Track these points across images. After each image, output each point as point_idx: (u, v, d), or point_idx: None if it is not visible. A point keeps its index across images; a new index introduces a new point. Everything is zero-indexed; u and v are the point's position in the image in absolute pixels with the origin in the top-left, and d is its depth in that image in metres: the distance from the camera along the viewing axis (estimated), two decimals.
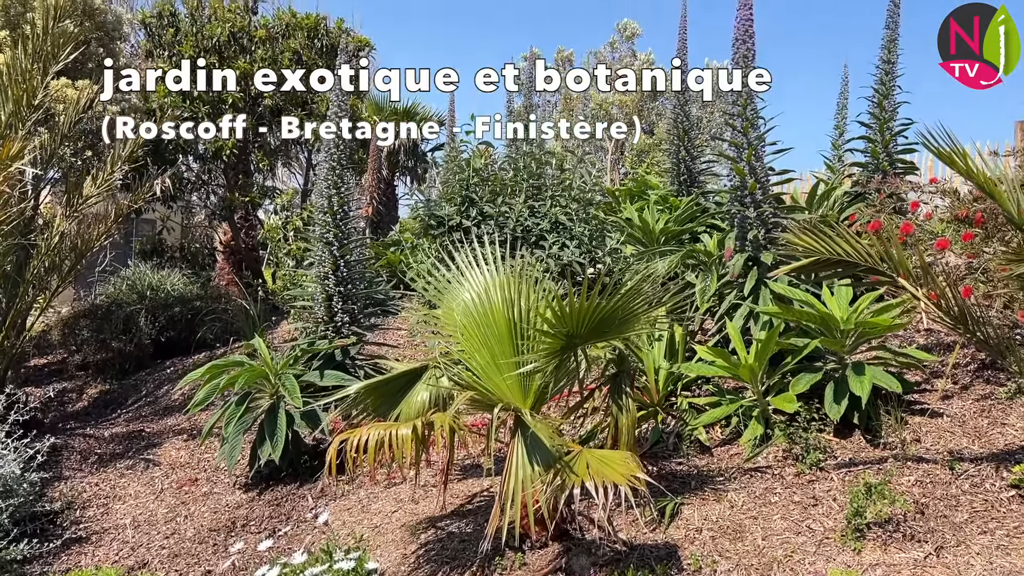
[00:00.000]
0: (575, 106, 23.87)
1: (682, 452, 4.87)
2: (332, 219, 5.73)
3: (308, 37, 12.01)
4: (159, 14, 11.50)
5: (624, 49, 26.35)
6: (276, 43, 11.80)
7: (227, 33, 11.26)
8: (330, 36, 12.36)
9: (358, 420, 4.31)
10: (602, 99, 23.94)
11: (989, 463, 4.05)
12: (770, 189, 5.71)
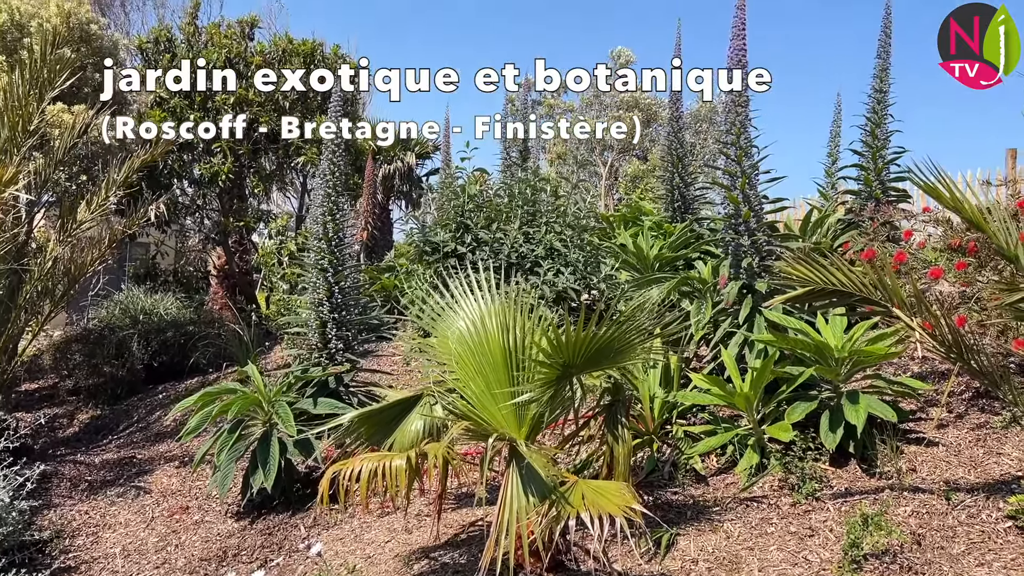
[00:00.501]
0: None
1: (678, 481, 4.84)
2: (327, 245, 5.73)
3: (305, 63, 12.07)
4: (155, 40, 11.57)
5: None
6: (272, 69, 11.86)
7: (223, 59, 11.32)
8: (327, 62, 12.43)
9: (352, 449, 4.28)
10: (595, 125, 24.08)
11: (985, 493, 4.03)
12: (764, 217, 5.73)
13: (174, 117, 11.16)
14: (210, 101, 11.37)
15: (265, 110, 11.61)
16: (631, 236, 8.95)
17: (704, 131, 22.51)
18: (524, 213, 7.90)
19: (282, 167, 13.12)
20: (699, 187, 9.24)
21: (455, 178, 8.43)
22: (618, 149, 24.02)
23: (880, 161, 7.23)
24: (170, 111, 11.15)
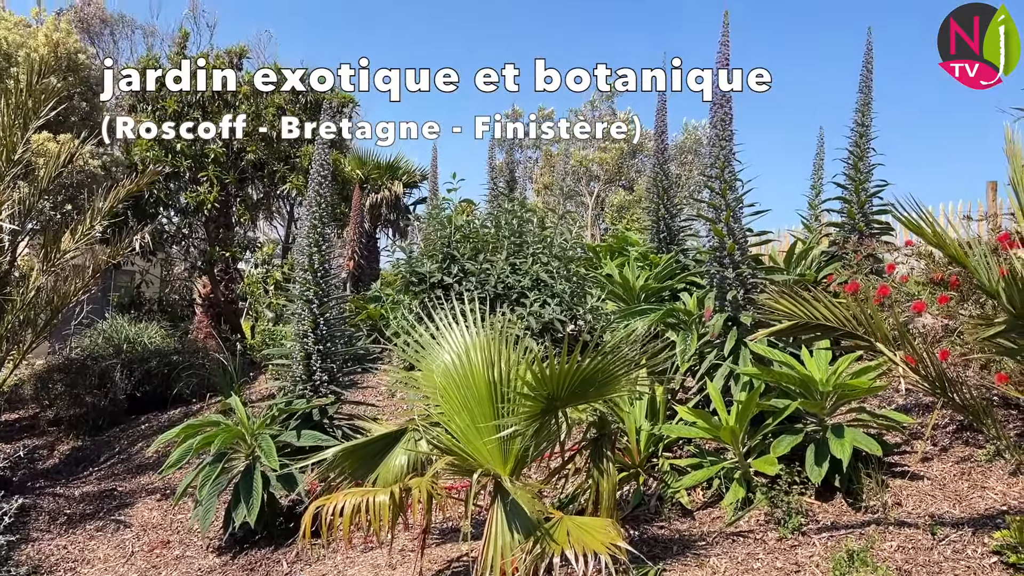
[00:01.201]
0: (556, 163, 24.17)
1: (664, 515, 4.81)
2: (312, 276, 5.72)
3: (292, 93, 12.13)
4: (143, 69, 11.58)
5: (604, 108, 26.82)
6: (260, 98, 11.91)
7: (211, 89, 11.34)
8: (314, 92, 12.49)
9: (336, 483, 4.24)
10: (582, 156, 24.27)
11: (970, 528, 4.03)
12: (748, 250, 5.76)
13: (161, 146, 11.17)
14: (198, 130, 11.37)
15: (252, 139, 11.64)
16: (617, 266, 8.99)
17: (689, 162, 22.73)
18: (511, 244, 7.92)
19: (269, 196, 13.13)
20: (684, 218, 9.31)
21: (442, 208, 8.45)
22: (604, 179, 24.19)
23: (863, 194, 7.30)
24: (157, 140, 11.15)
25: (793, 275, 6.62)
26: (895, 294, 5.37)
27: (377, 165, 16.16)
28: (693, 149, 23.57)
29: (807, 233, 8.38)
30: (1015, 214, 4.18)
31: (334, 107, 13.24)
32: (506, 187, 12.27)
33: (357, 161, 15.85)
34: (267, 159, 11.96)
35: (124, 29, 22.47)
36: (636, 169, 24.51)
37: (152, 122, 11.18)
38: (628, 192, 23.05)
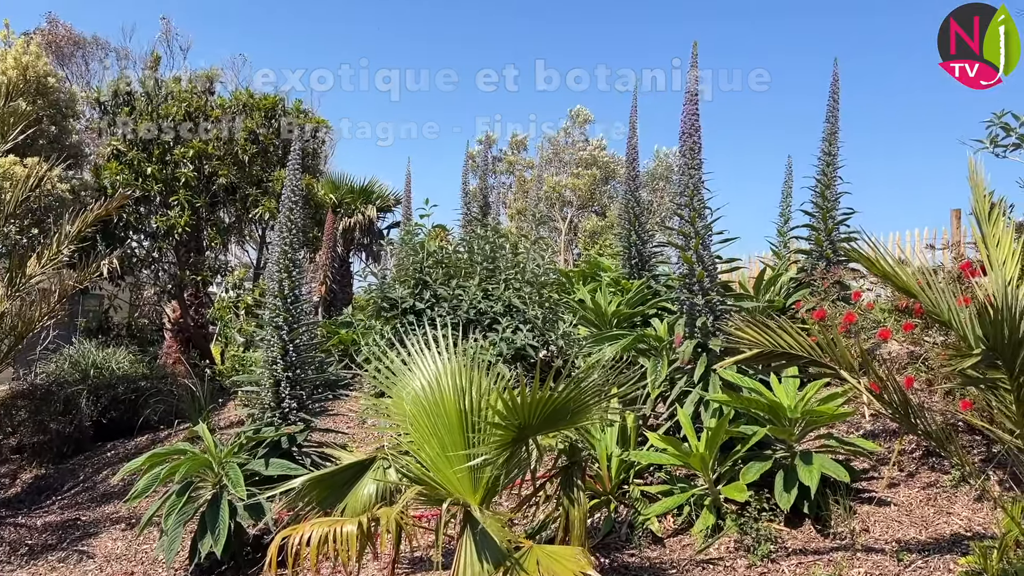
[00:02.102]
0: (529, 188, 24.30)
1: (634, 543, 4.81)
2: (282, 302, 5.68)
3: (265, 117, 12.12)
4: (114, 93, 11.53)
5: (576, 134, 27.07)
6: (233, 122, 11.88)
7: (183, 112, 11.31)
8: (287, 117, 12.49)
9: (303, 512, 4.18)
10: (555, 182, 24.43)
11: (936, 554, 4.07)
12: (717, 277, 5.82)
13: (131, 170, 11.09)
14: (169, 154, 11.31)
15: (225, 163, 11.59)
16: (590, 292, 9.02)
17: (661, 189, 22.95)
18: (483, 269, 7.93)
19: (241, 220, 13.05)
20: (656, 244, 9.38)
21: (414, 234, 8.45)
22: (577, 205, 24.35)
23: (830, 222, 7.42)
24: (127, 164, 11.07)
25: (762, 302, 6.69)
26: (861, 321, 5.44)
27: (351, 189, 16.15)
28: (664, 176, 23.82)
29: (776, 260, 8.48)
30: (977, 243, 4.27)
31: (307, 131, 13.25)
32: (480, 212, 12.31)
33: (330, 185, 15.83)
34: (239, 183, 11.91)
35: (96, 51, 22.34)
36: (609, 195, 24.71)
37: (123, 146, 11.11)
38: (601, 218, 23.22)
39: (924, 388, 5.47)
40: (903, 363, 5.44)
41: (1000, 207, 4.02)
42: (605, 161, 24.91)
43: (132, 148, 11.14)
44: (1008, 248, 3.88)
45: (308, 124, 13.44)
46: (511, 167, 27.17)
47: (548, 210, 24.08)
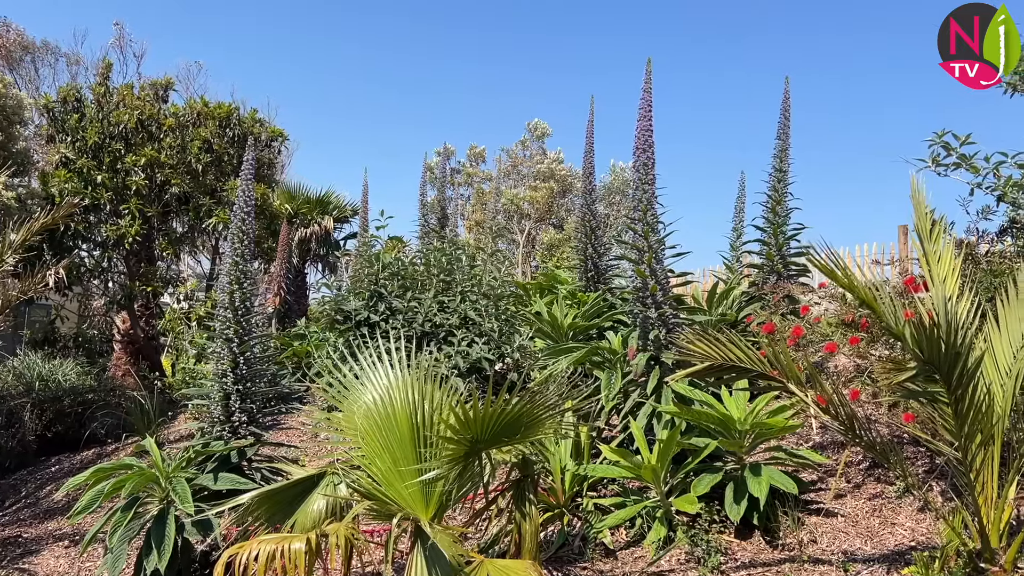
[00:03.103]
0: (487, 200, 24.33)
1: (587, 556, 4.82)
2: (233, 314, 5.59)
3: (220, 126, 11.97)
4: (64, 99, 11.30)
5: (535, 147, 27.21)
6: (186, 131, 11.71)
7: (135, 120, 11.12)
8: (243, 126, 12.35)
9: (252, 529, 4.11)
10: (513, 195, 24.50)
11: (880, 564, 4.14)
12: (671, 290, 5.88)
13: (81, 178, 10.86)
14: (120, 162, 11.10)
15: (177, 172, 11.41)
16: (546, 304, 9.04)
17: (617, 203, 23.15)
18: (439, 281, 7.90)
19: (194, 230, 12.85)
20: (612, 258, 9.45)
21: (370, 245, 8.40)
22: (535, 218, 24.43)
23: (781, 237, 7.55)
24: (77, 171, 10.84)
25: (715, 315, 6.77)
26: (809, 335, 5.54)
27: (307, 199, 15.98)
28: (620, 190, 24.02)
29: (729, 274, 8.60)
30: (919, 259, 4.38)
31: (263, 141, 13.12)
32: (438, 224, 12.28)
33: (286, 195, 15.64)
34: (193, 192, 11.73)
35: (46, 56, 21.88)
36: (566, 208, 24.86)
37: (72, 153, 10.88)
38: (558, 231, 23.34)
39: (870, 401, 5.58)
40: (849, 376, 5.54)
41: (941, 224, 4.13)
42: (562, 175, 25.07)
43: (82, 156, 10.91)
44: (948, 264, 4.00)
45: (264, 133, 13.31)
46: (469, 179, 27.20)
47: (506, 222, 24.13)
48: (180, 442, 8.40)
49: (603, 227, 9.85)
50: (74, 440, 9.51)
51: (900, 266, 6.25)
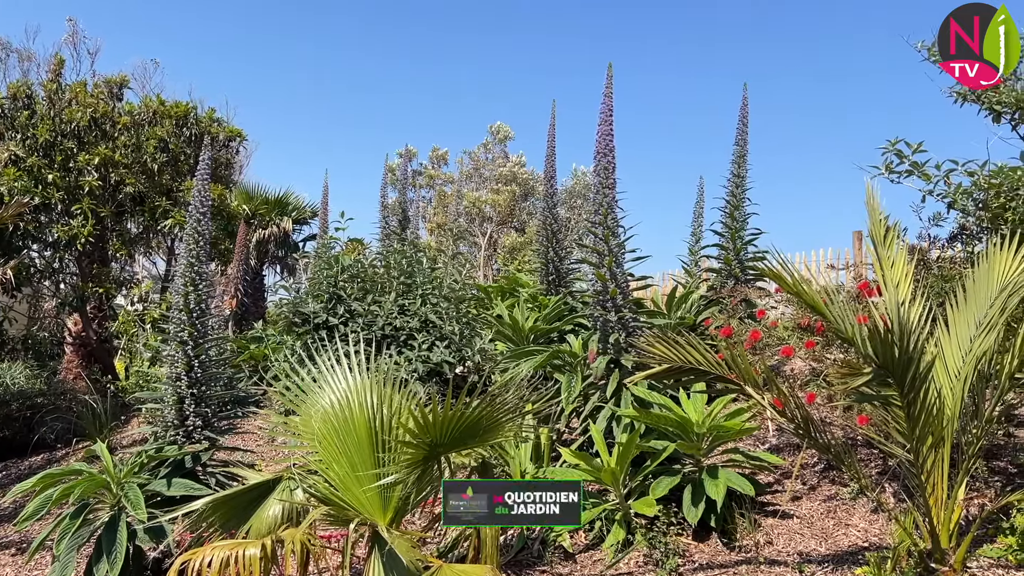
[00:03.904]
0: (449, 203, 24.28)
1: (546, 560, 4.81)
2: (187, 316, 5.49)
3: (177, 126, 11.77)
4: (14, 96, 11.01)
5: (497, 150, 27.23)
6: (141, 130, 11.49)
7: (88, 118, 10.88)
8: (200, 125, 12.16)
9: (206, 535, 4.04)
10: (475, 198, 24.47)
11: (834, 565, 4.20)
12: (630, 294, 5.92)
13: (31, 176, 10.59)
14: (72, 161, 10.85)
15: (132, 171, 11.19)
16: (508, 307, 9.04)
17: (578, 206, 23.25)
18: (400, 284, 7.85)
19: (149, 230, 12.61)
20: (573, 261, 9.49)
21: (329, 247, 8.32)
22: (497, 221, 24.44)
23: (739, 242, 7.64)
24: (26, 170, 10.56)
25: (674, 319, 6.83)
26: (766, 338, 5.61)
27: (265, 200, 15.79)
28: (582, 194, 24.12)
29: (688, 278, 8.68)
30: (874, 264, 4.46)
31: (221, 140, 12.94)
32: (399, 226, 12.21)
33: (244, 196, 15.44)
34: (148, 192, 11.51)
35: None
36: (528, 211, 24.89)
37: (22, 151, 10.60)
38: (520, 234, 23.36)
39: (825, 404, 5.66)
40: (805, 379, 5.62)
41: (895, 230, 4.21)
42: (524, 178, 25.12)
43: (32, 154, 10.64)
44: (901, 270, 4.07)
45: (222, 133, 13.12)
46: (431, 181, 27.12)
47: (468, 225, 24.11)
48: (133, 447, 8.23)
49: (564, 231, 9.89)
50: (22, 445, 9.27)
51: (855, 271, 6.36)
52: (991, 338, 3.69)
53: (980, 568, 3.96)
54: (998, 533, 4.17)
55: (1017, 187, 4.61)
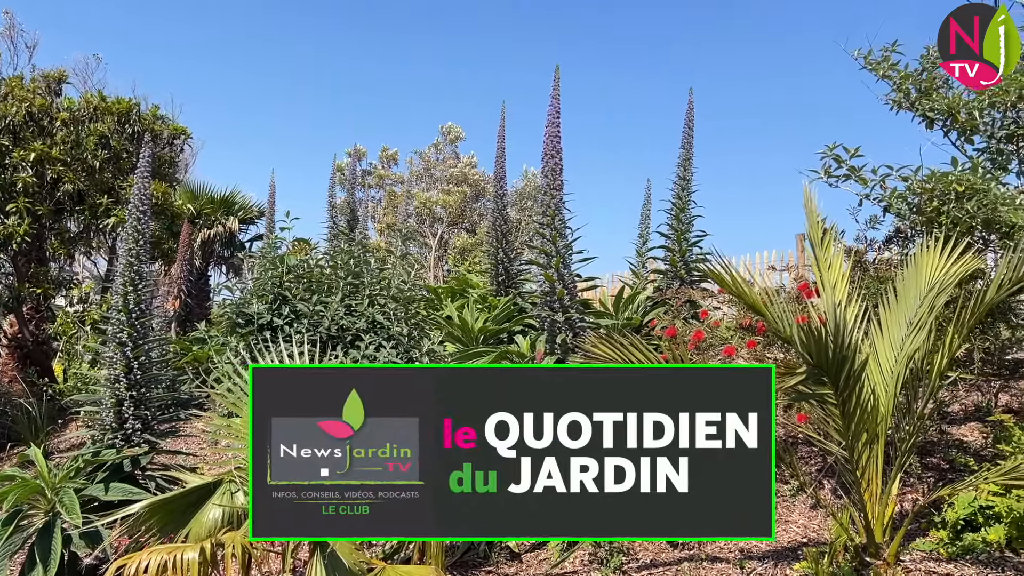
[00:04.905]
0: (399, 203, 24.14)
1: (492, 560, 4.82)
2: (127, 317, 5.38)
3: (119, 122, 11.49)
4: None
5: (448, 151, 27.16)
6: (81, 126, 11.19)
7: (24, 113, 10.56)
8: (143, 122, 11.89)
9: (144, 540, 3.95)
10: (426, 198, 24.38)
11: (775, 560, 4.29)
12: (577, 295, 5.97)
13: None
14: (7, 157, 10.52)
15: (71, 169, 10.90)
16: (457, 308, 9.03)
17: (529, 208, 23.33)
18: (347, 285, 7.77)
19: (89, 229, 12.29)
20: (522, 262, 9.52)
21: (274, 247, 8.21)
22: (448, 222, 24.38)
23: (684, 244, 7.75)
24: None
25: (621, 320, 6.90)
26: (709, 338, 5.70)
27: (211, 199, 15.54)
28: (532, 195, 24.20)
29: (635, 279, 8.77)
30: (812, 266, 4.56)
31: (164, 138, 12.69)
32: (347, 226, 12.10)
33: (189, 195, 15.18)
34: (88, 190, 11.21)
35: None
36: (479, 212, 24.88)
37: None
38: (471, 235, 23.34)
39: None
40: None
41: (832, 233, 4.31)
42: (476, 179, 25.11)
43: None
44: (838, 271, 4.17)
45: (166, 130, 12.86)
46: (381, 181, 26.93)
47: (418, 226, 24.01)
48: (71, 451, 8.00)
49: (514, 232, 9.93)
50: None
51: (795, 272, 6.51)
52: (921, 337, 3.80)
53: (913, 561, 4.08)
54: (930, 527, 4.30)
55: (948, 191, 4.75)
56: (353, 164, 14.90)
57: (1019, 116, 5.10)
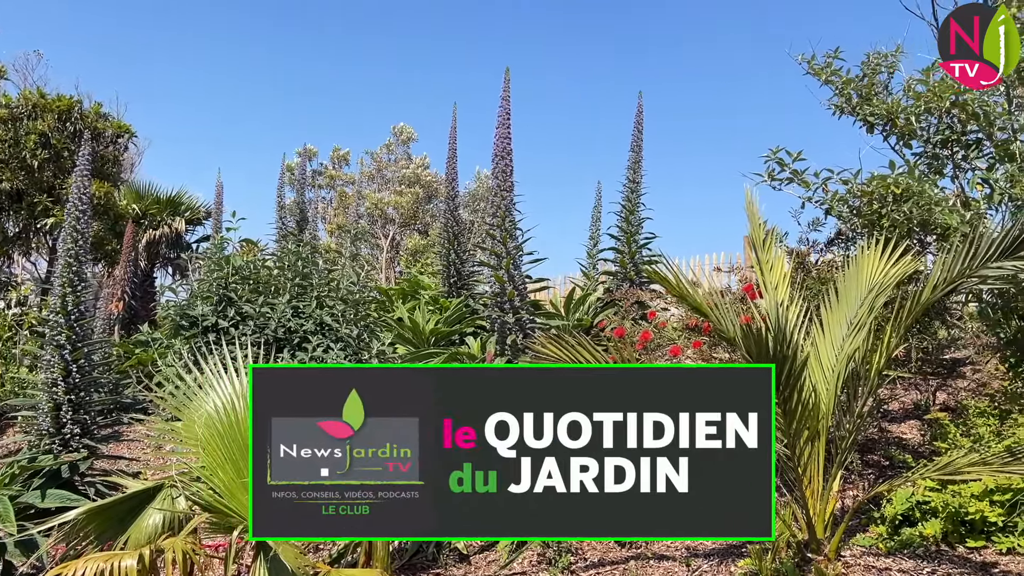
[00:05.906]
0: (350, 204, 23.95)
1: (440, 562, 4.80)
2: (65, 319, 5.24)
3: (60, 120, 11.22)
4: None
5: (400, 152, 27.03)
6: (20, 124, 10.89)
7: None
8: (85, 120, 11.62)
9: (82, 548, 3.85)
10: (378, 199, 24.23)
11: (720, 558, 4.35)
12: (528, 296, 5.98)
13: None
14: None
15: (9, 167, 10.59)
16: (409, 310, 8.99)
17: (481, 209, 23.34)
18: (295, 286, 7.69)
19: (28, 229, 11.96)
20: (474, 264, 9.52)
21: (221, 248, 8.08)
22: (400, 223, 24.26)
23: (634, 245, 7.83)
24: None
25: (572, 320, 6.93)
26: (656, 339, 5.76)
27: (157, 200, 15.21)
28: (485, 197, 24.20)
29: (586, 280, 8.83)
30: (754, 267, 4.63)
31: (108, 136, 12.41)
32: (296, 227, 11.96)
33: (134, 195, 14.84)
34: (27, 189, 10.92)
35: None
36: (431, 214, 24.81)
37: None
38: (423, 236, 23.26)
39: None
40: None
41: (774, 235, 4.39)
42: (428, 180, 25.04)
43: None
44: (780, 272, 4.25)
45: (109, 129, 12.58)
46: (332, 182, 26.69)
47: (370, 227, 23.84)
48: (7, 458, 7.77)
49: (466, 233, 9.91)
50: None
51: (742, 274, 6.62)
52: (861, 337, 3.89)
53: (853, 556, 4.17)
54: (870, 522, 4.40)
55: (887, 193, 4.86)
56: (303, 164, 14.73)
57: (953, 122, 5.24)
